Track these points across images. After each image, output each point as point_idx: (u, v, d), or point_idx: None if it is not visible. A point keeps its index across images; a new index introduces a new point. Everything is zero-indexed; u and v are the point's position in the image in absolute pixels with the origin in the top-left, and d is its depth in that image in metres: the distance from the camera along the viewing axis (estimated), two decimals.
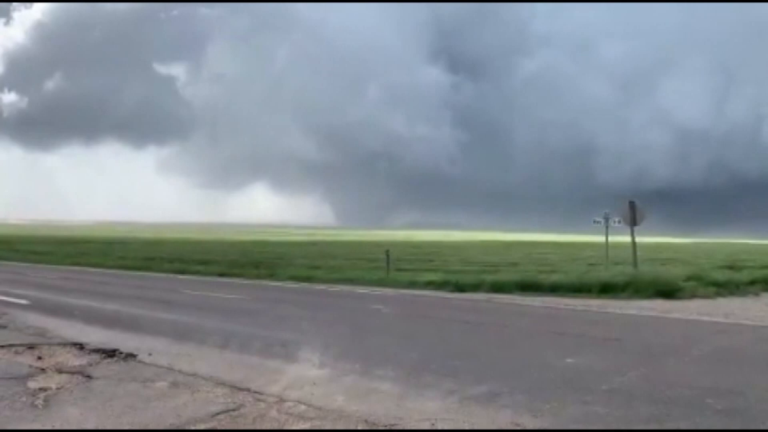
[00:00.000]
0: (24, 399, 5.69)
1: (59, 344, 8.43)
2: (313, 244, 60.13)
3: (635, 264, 17.93)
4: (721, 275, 17.44)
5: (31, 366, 7.06)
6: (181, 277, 23.48)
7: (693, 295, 14.68)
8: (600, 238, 22.57)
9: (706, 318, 11.42)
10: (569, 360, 7.53)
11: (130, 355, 7.65)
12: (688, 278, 16.27)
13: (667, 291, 14.75)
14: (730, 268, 21.58)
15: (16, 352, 7.84)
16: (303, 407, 5.47)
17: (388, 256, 22.69)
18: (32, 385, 6.19)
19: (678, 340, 9.31)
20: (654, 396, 5.80)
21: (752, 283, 16.44)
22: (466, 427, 4.98)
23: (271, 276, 22.50)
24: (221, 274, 23.87)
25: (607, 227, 18.83)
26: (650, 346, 8.80)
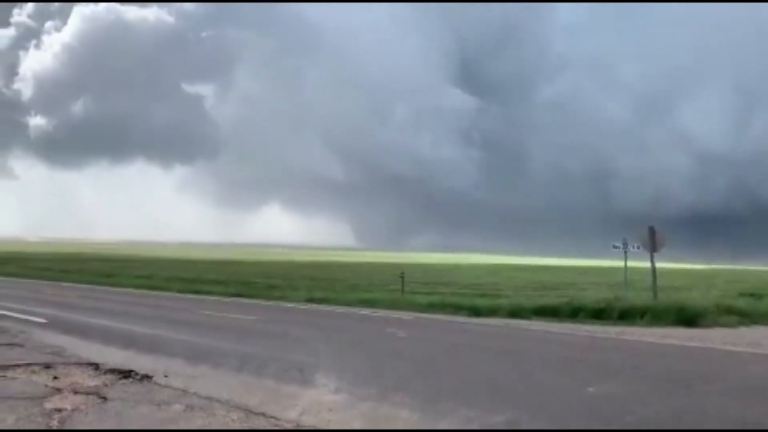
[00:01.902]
0: (39, 420, 5.67)
1: (75, 364, 8.44)
2: (331, 265, 60.10)
3: (655, 291, 17.66)
4: (743, 303, 17.08)
5: (47, 386, 7.06)
6: (198, 297, 23.53)
7: (714, 324, 14.39)
8: (619, 264, 22.28)
9: (729, 347, 11.17)
10: (590, 389, 7.37)
11: (146, 377, 7.63)
12: (710, 306, 15.94)
13: (688, 319, 14.49)
14: (752, 295, 21.15)
15: (33, 372, 7.85)
16: None
17: (402, 278, 22.63)
18: (48, 405, 6.18)
19: (702, 370, 9.10)
20: (680, 428, 5.64)
21: None
22: None
23: (287, 297, 22.48)
24: (238, 295, 23.91)
25: (626, 253, 18.57)
26: (673, 375, 8.60)
